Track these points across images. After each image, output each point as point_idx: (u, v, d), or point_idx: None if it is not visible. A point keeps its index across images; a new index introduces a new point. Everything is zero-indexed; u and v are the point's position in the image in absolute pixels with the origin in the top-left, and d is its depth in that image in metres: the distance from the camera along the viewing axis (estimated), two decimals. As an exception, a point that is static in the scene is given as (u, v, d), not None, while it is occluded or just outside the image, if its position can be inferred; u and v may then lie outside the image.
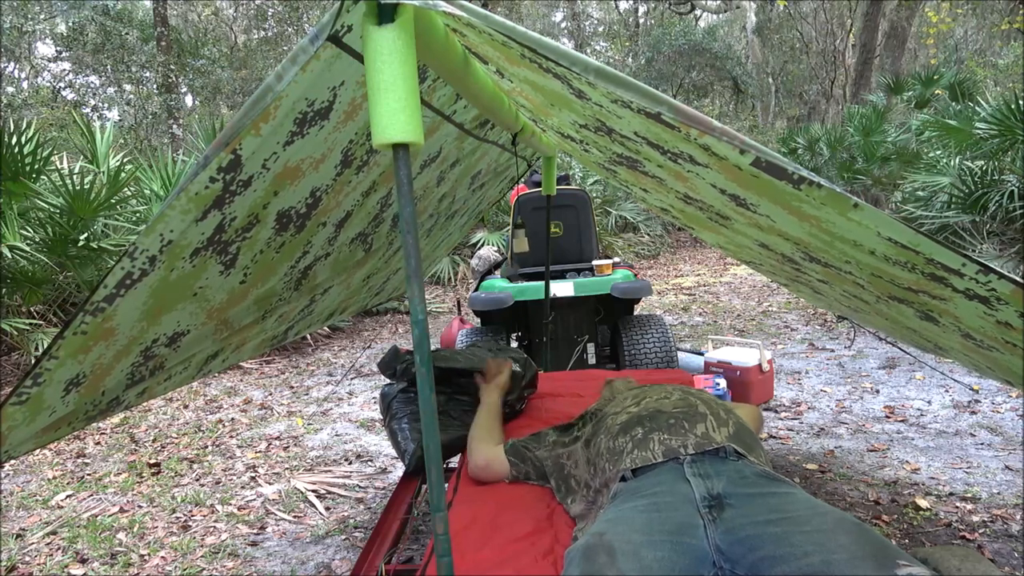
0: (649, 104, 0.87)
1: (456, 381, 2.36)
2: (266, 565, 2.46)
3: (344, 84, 1.08)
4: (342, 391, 4.80)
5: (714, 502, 1.21)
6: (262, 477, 3.28)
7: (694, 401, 1.53)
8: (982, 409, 3.54)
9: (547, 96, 1.37)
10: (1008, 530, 2.33)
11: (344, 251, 1.81)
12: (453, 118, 1.72)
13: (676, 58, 16.62)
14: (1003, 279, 0.94)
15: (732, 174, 1.11)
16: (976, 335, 1.34)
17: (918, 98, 8.74)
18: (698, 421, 1.44)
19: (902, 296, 1.39)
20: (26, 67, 16.37)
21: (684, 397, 1.55)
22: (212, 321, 1.44)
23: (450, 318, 6.64)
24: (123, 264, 1.03)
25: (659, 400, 1.55)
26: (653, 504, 1.23)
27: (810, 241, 1.34)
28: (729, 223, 1.71)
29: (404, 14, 0.85)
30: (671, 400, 1.54)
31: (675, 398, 1.55)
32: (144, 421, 4.30)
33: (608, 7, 23.09)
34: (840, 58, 17.07)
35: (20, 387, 1.04)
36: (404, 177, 0.91)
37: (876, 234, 1.01)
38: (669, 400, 1.54)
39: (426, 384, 0.96)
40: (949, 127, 5.59)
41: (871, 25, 11.64)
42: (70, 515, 2.96)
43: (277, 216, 1.30)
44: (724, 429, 1.45)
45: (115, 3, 14.17)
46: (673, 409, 1.49)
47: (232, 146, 0.99)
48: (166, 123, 12.17)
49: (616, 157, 1.71)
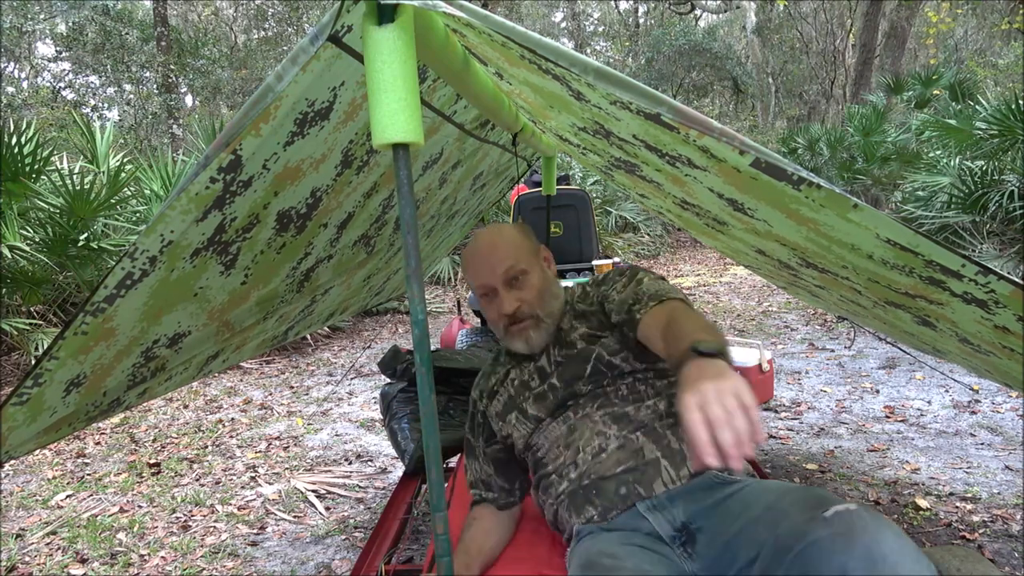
0: (649, 104, 0.87)
1: (456, 381, 2.36)
2: (266, 565, 2.46)
3: (344, 84, 1.08)
4: (342, 391, 4.80)
5: (683, 535, 1.15)
6: (262, 477, 3.28)
7: (638, 444, 1.25)
8: (982, 409, 3.54)
9: (546, 98, 1.38)
10: (1008, 530, 2.34)
11: (347, 253, 1.81)
12: (453, 118, 1.72)
13: (676, 58, 16.63)
14: (1002, 280, 0.94)
15: (731, 177, 1.11)
16: (973, 340, 1.34)
17: (918, 98, 8.74)
18: (653, 476, 1.21)
19: (899, 302, 1.39)
20: (26, 67, 16.37)
21: (623, 442, 1.25)
22: (214, 322, 1.44)
23: (450, 318, 6.64)
24: (123, 264, 1.03)
25: (597, 458, 1.25)
26: (624, 535, 1.18)
27: (807, 246, 1.34)
28: (726, 228, 1.71)
29: (404, 14, 0.86)
30: (611, 455, 1.25)
31: (613, 448, 1.25)
32: (144, 421, 4.30)
33: (608, 7, 23.09)
34: (840, 58, 17.07)
35: (21, 387, 1.04)
36: (404, 177, 0.91)
37: (875, 236, 1.01)
38: (608, 456, 1.25)
39: (426, 384, 0.96)
40: (949, 127, 5.59)
41: (871, 25, 11.64)
42: (70, 515, 2.96)
43: (277, 216, 1.30)
44: (683, 465, 1.22)
45: (115, 3, 14.17)
46: (618, 469, 1.23)
47: (232, 146, 0.99)
48: (166, 123, 12.17)
49: (614, 161, 1.71)
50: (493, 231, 1.40)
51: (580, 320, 1.42)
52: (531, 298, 1.37)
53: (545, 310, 1.39)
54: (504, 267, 1.35)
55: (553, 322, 1.41)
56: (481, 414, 1.54)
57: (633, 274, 1.40)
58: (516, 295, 1.37)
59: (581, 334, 1.39)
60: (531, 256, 1.40)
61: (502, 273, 1.35)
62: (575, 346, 1.38)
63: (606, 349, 1.35)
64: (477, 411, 1.55)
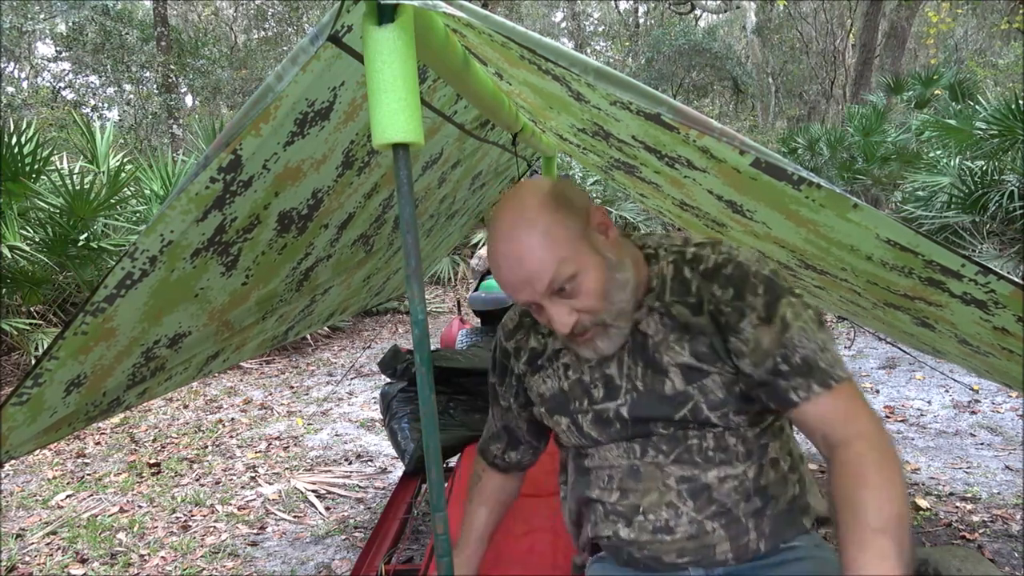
0: (649, 105, 0.87)
1: (456, 381, 2.36)
2: (266, 565, 2.46)
3: (344, 84, 1.08)
4: (342, 391, 4.80)
5: None
6: (262, 477, 3.28)
7: (712, 540, 1.05)
8: (982, 409, 3.54)
9: (546, 99, 1.37)
10: (1008, 530, 2.34)
11: (346, 252, 1.81)
12: (454, 118, 1.72)
13: (676, 58, 16.63)
14: (1002, 280, 0.94)
15: (730, 178, 1.11)
16: (972, 341, 1.34)
17: (918, 98, 8.75)
18: (714, 561, 1.06)
19: (898, 303, 1.39)
20: (26, 67, 16.37)
21: (695, 531, 1.05)
22: (214, 322, 1.44)
23: (450, 318, 6.64)
24: (123, 264, 1.03)
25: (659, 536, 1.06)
26: None
27: (806, 248, 1.34)
28: (725, 230, 1.71)
29: (404, 14, 0.85)
30: (676, 540, 1.05)
31: (682, 534, 1.05)
32: (144, 421, 4.30)
33: (608, 7, 23.09)
34: (840, 58, 17.07)
35: (21, 387, 1.04)
36: (404, 177, 0.91)
37: (875, 236, 1.01)
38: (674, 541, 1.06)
39: (426, 384, 0.96)
40: (949, 127, 5.59)
41: (871, 25, 11.64)
42: (70, 515, 2.96)
43: (278, 217, 1.30)
44: (750, 536, 1.05)
45: (115, 3, 14.17)
46: (680, 560, 1.06)
47: (232, 146, 0.99)
48: (166, 123, 12.17)
49: (613, 161, 1.71)
50: (516, 231, 0.97)
51: (678, 334, 1.05)
52: (590, 304, 1.00)
53: (613, 310, 1.02)
54: (543, 284, 0.97)
55: (627, 321, 1.05)
56: (515, 376, 1.23)
57: (774, 301, 1.00)
58: (569, 305, 1.00)
59: (679, 364, 1.04)
60: (577, 246, 0.98)
61: (543, 290, 0.98)
62: (665, 375, 1.05)
63: (707, 401, 1.03)
64: (508, 366, 1.22)
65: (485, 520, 1.28)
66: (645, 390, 1.06)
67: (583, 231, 1.00)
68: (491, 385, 1.29)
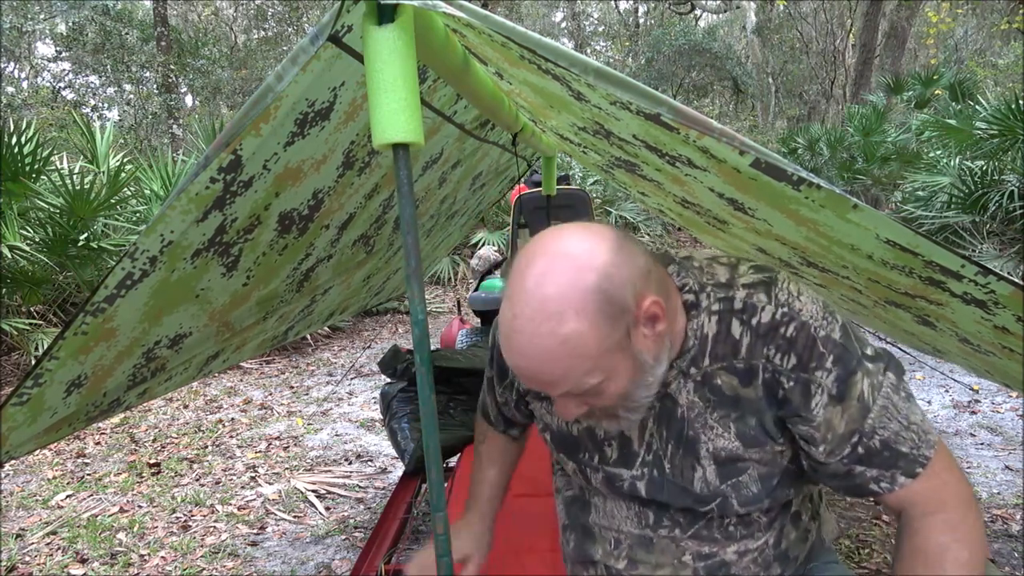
0: (649, 105, 0.87)
1: (456, 381, 2.36)
2: (266, 565, 2.46)
3: (344, 84, 1.08)
4: (342, 391, 4.80)
5: None
6: (262, 477, 3.28)
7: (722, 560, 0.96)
8: (982, 409, 3.54)
9: (546, 98, 1.37)
10: (1008, 530, 2.33)
11: (346, 253, 1.81)
12: (454, 118, 1.72)
13: (676, 58, 16.63)
14: (1002, 280, 0.94)
15: (731, 177, 1.11)
16: (973, 340, 1.34)
17: (918, 98, 8.75)
18: None
19: (899, 301, 1.39)
20: (26, 67, 16.37)
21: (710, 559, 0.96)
22: (214, 323, 1.44)
23: (450, 318, 6.64)
24: (123, 264, 1.03)
25: None
26: None
27: (807, 246, 1.34)
28: (726, 227, 1.71)
29: (404, 14, 0.86)
30: None
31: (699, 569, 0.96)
32: (144, 421, 4.30)
33: (608, 7, 23.09)
34: (840, 58, 17.07)
35: (21, 387, 1.04)
36: (404, 178, 0.91)
37: (875, 236, 1.01)
38: None
39: (426, 384, 0.96)
40: (949, 127, 5.60)
41: (871, 25, 11.64)
42: (70, 515, 2.96)
43: (279, 218, 1.30)
44: None
45: (115, 3, 14.17)
46: None
47: (232, 146, 0.99)
48: (166, 123, 12.17)
49: (614, 160, 1.71)
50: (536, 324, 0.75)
51: (722, 412, 0.89)
52: (608, 404, 0.86)
53: (632, 404, 0.87)
54: (557, 391, 0.82)
55: (648, 400, 0.88)
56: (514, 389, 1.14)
57: (848, 375, 0.84)
58: (582, 400, 0.85)
59: (717, 451, 0.90)
60: (610, 354, 0.78)
61: (556, 395, 0.84)
62: (696, 462, 0.91)
63: (739, 497, 0.91)
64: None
65: (497, 480, 1.26)
66: (672, 475, 0.92)
67: (622, 339, 0.78)
68: (487, 379, 1.21)
